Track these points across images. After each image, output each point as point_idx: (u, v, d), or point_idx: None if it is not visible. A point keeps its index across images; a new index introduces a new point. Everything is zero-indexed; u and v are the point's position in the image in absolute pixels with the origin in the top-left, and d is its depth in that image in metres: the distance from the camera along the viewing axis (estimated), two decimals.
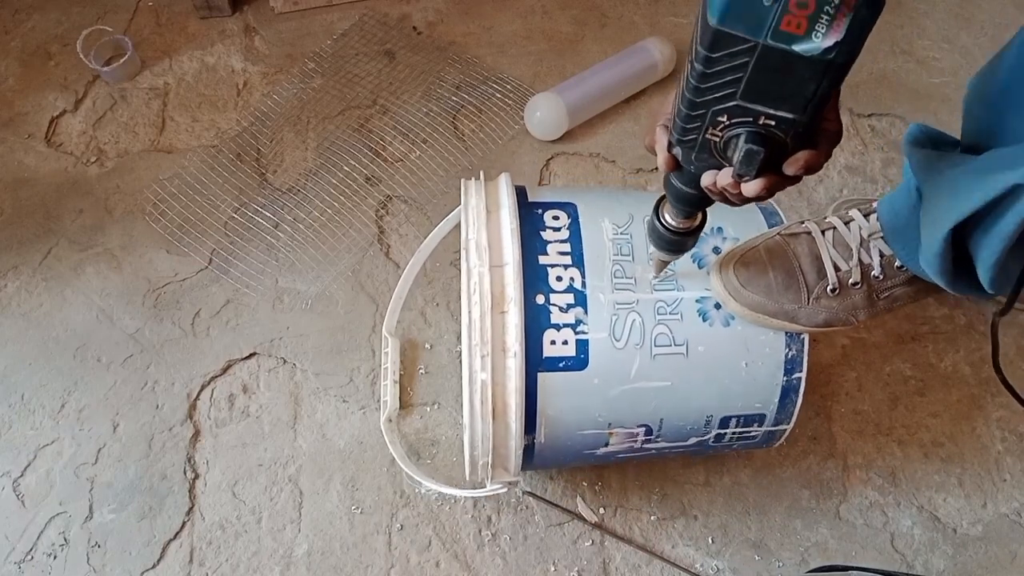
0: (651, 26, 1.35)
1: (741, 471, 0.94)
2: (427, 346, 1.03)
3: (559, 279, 0.70)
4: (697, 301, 0.71)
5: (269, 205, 1.15)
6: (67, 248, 1.12)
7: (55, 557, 0.89)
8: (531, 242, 0.71)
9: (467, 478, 0.81)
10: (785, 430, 0.76)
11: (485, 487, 0.76)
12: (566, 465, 0.91)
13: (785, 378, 0.72)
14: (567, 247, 0.71)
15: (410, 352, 1.03)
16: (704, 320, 0.71)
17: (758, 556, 0.90)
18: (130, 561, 0.89)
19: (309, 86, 1.28)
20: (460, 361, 1.01)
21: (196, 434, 0.97)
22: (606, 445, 0.74)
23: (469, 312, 0.69)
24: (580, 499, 0.92)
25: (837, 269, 0.72)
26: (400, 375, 1.00)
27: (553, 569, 0.88)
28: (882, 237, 0.73)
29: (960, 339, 1.04)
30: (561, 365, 0.69)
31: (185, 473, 0.94)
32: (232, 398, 1.00)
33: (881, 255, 0.73)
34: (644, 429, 0.73)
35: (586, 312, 0.69)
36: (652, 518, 0.91)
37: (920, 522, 0.92)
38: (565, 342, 0.69)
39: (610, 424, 0.72)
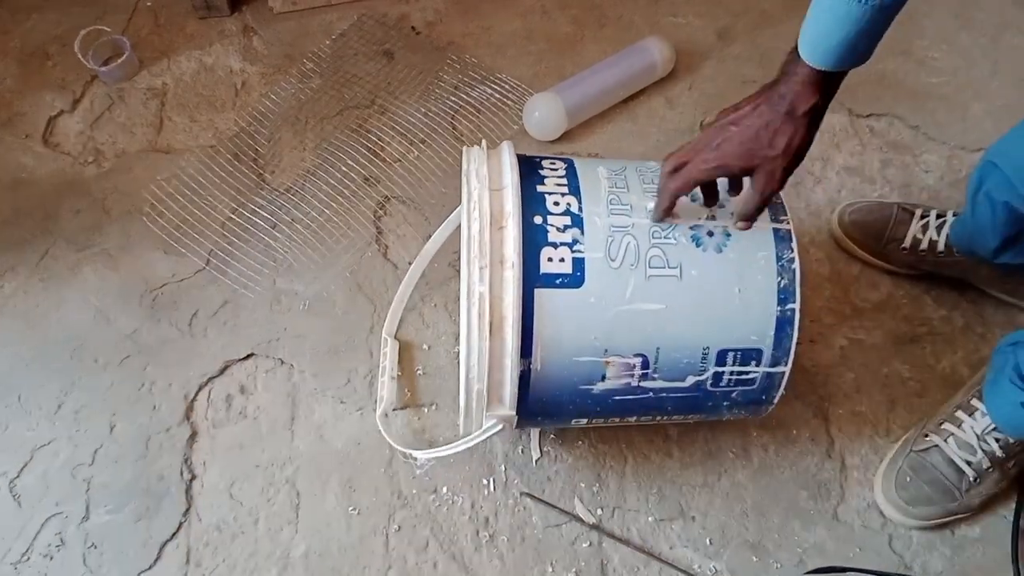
0: (650, 26, 1.35)
1: (739, 472, 0.94)
2: (425, 347, 1.03)
3: (556, 204, 0.72)
4: (691, 228, 0.73)
5: (267, 205, 1.15)
6: (64, 248, 1.12)
7: (51, 558, 0.89)
8: (530, 176, 0.74)
9: (461, 422, 0.78)
10: (783, 373, 0.75)
11: (481, 427, 0.75)
12: (563, 414, 0.82)
13: (779, 308, 0.73)
14: (564, 180, 0.74)
15: (408, 353, 1.03)
16: (697, 245, 0.72)
17: (756, 557, 0.89)
18: (126, 562, 0.89)
19: (307, 86, 1.28)
20: (458, 362, 1.01)
21: (193, 435, 0.97)
22: (602, 379, 0.74)
23: (468, 229, 0.70)
24: (578, 500, 0.92)
25: (969, 464, 0.89)
26: (398, 376, 1.00)
27: (551, 570, 0.88)
28: (994, 428, 0.89)
29: (958, 340, 1.04)
30: (558, 282, 0.70)
31: (182, 474, 0.94)
32: (229, 399, 0.99)
33: (997, 441, 0.89)
34: (641, 360, 0.73)
35: (583, 233, 0.71)
36: (650, 519, 0.91)
37: None
38: (562, 259, 0.70)
39: (606, 351, 0.72)
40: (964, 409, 0.92)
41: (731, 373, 0.75)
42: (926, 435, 0.92)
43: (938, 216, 1.05)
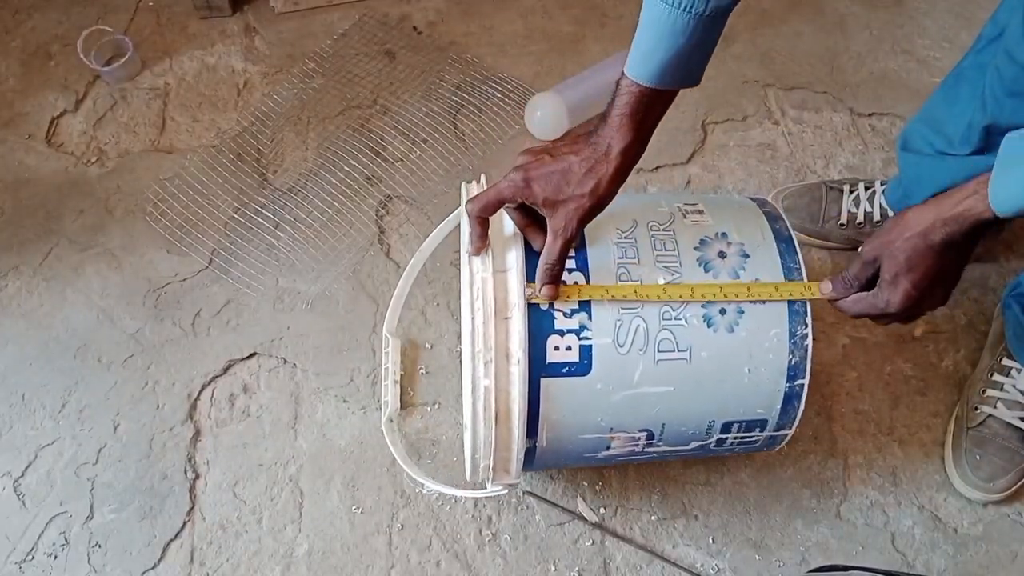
0: None
1: (742, 471, 0.94)
2: (427, 346, 1.03)
3: (563, 283, 0.69)
4: (702, 306, 0.70)
5: (269, 205, 1.15)
6: (68, 248, 1.12)
7: (56, 557, 0.89)
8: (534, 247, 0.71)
9: (468, 479, 0.81)
10: (787, 435, 0.75)
11: (486, 488, 0.76)
12: (566, 467, 0.91)
13: (788, 384, 0.71)
14: (571, 251, 0.70)
15: (410, 352, 1.03)
16: (709, 326, 0.70)
17: (759, 556, 0.90)
18: (131, 561, 0.89)
19: (309, 86, 1.28)
20: (460, 361, 1.01)
21: (197, 434, 0.97)
22: (607, 449, 0.74)
23: (472, 318, 0.68)
24: (581, 499, 0.92)
25: (1023, 419, 0.92)
26: (400, 375, 1.00)
27: (554, 569, 0.88)
28: None
29: (961, 338, 1.04)
30: (564, 371, 0.68)
31: (186, 473, 0.94)
32: (233, 398, 1.00)
33: None
34: (646, 434, 0.72)
35: (590, 317, 0.68)
36: (653, 518, 0.91)
37: (921, 522, 0.92)
38: (569, 348, 0.68)
39: (612, 429, 0.71)
40: (999, 371, 0.94)
41: (735, 439, 0.75)
42: (975, 408, 0.94)
43: (866, 188, 1.07)
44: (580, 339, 0.68)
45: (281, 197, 1.16)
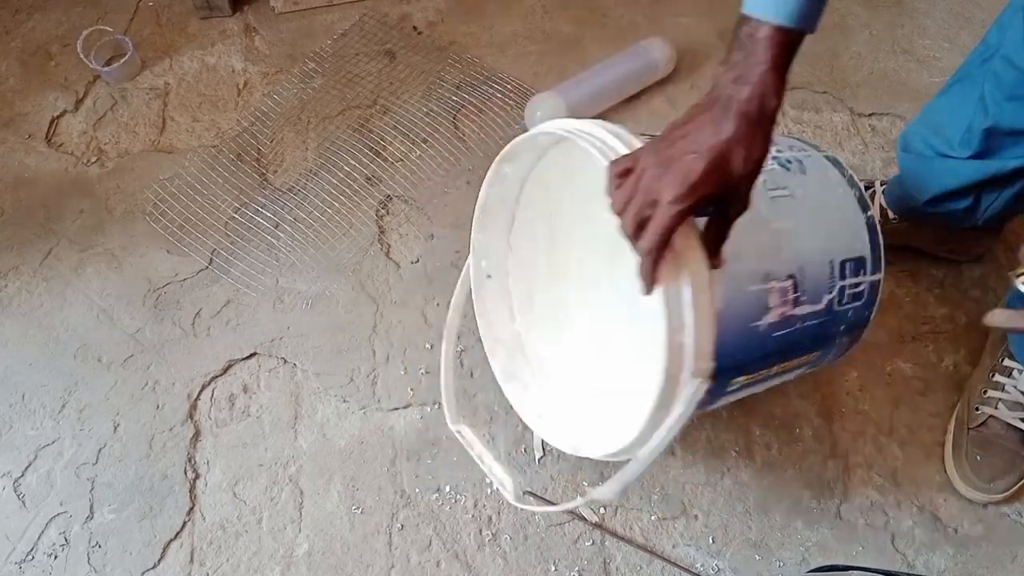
0: (652, 26, 1.35)
1: (742, 470, 0.94)
2: (427, 346, 1.03)
3: None
4: (772, 158, 0.77)
5: (269, 205, 1.15)
6: (68, 248, 1.12)
7: (56, 557, 0.89)
8: None
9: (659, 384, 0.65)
10: (879, 280, 0.80)
11: (687, 387, 0.65)
12: (729, 370, 0.74)
13: (865, 215, 0.79)
14: None
15: (411, 352, 1.03)
16: (788, 170, 0.78)
17: (759, 556, 0.89)
18: (131, 561, 0.89)
19: (309, 86, 1.28)
20: (461, 361, 1.02)
21: (197, 434, 0.97)
22: (767, 311, 0.72)
23: None
24: (580, 499, 0.92)
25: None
26: (402, 374, 1.00)
27: (554, 569, 0.88)
28: None
29: (962, 339, 1.04)
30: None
31: (186, 473, 0.94)
32: (232, 398, 1.00)
33: None
34: (792, 282, 0.74)
35: None
36: (653, 518, 0.91)
37: (921, 522, 0.92)
38: None
39: (767, 275, 0.73)
40: (1001, 372, 0.95)
41: (849, 286, 0.78)
42: (976, 409, 0.94)
43: (866, 188, 1.06)
44: None
45: (281, 197, 1.16)
